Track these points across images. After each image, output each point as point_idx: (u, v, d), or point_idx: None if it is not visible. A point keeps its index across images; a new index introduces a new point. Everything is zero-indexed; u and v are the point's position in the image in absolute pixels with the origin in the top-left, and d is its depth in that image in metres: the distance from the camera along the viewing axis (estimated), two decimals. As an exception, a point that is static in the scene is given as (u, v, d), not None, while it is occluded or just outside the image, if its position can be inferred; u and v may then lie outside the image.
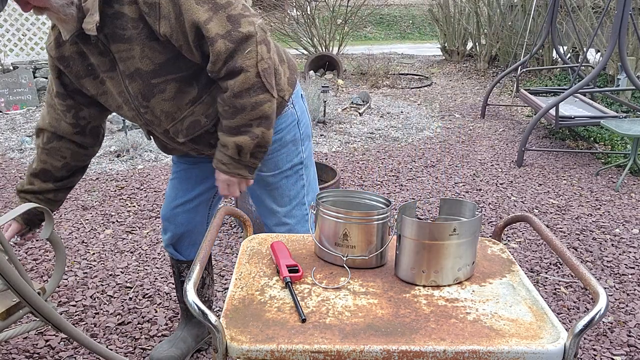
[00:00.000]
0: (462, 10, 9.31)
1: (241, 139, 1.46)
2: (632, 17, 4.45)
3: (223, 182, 1.54)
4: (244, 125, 1.45)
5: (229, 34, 1.38)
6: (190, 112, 1.53)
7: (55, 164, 1.69)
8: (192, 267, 1.01)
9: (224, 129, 1.48)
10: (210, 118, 1.54)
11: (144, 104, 1.52)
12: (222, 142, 1.49)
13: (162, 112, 1.53)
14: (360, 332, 0.97)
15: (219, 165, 1.51)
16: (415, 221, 1.11)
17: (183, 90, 1.50)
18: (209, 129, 1.56)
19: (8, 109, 5.85)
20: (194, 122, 1.54)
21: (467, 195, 3.73)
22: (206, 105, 1.53)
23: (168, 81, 1.48)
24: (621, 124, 4.00)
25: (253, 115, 1.44)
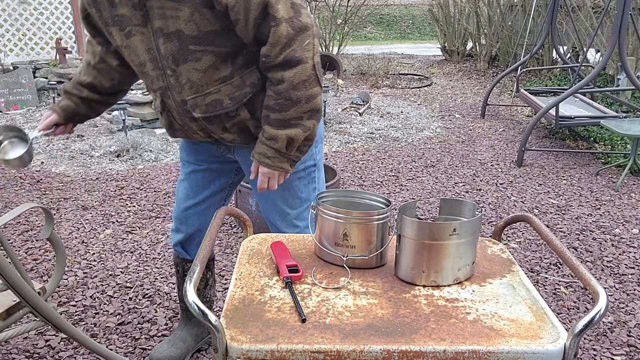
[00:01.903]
0: (462, 10, 9.31)
1: (293, 132, 1.46)
2: (632, 17, 4.45)
3: (264, 176, 1.53)
4: (296, 118, 1.45)
5: (291, 20, 1.39)
6: (216, 90, 1.49)
7: (104, 83, 1.69)
8: (192, 267, 1.01)
9: (274, 122, 1.46)
10: (234, 101, 1.51)
11: (172, 67, 1.48)
12: (270, 135, 1.47)
13: (188, 81, 1.49)
14: (360, 332, 0.97)
15: (263, 159, 1.50)
16: (415, 221, 1.11)
17: (217, 65, 1.47)
18: (230, 112, 1.52)
19: (8, 109, 5.85)
20: (216, 101, 1.51)
21: (467, 195, 3.73)
22: (234, 88, 1.50)
23: (206, 52, 1.45)
24: (621, 124, 4.00)
25: (306, 107, 1.45)
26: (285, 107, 1.44)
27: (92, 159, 4.37)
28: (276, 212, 1.72)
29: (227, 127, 1.56)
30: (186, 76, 1.49)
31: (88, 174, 4.05)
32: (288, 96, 1.43)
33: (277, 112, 1.45)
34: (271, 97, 1.46)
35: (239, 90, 1.50)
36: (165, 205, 3.47)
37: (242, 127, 1.56)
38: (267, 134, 1.48)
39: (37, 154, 4.47)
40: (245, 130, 1.57)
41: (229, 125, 1.55)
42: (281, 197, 1.68)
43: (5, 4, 6.59)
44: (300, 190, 1.70)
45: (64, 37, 7.00)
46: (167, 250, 2.88)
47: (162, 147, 4.65)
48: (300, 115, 1.45)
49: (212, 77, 1.48)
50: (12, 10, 6.60)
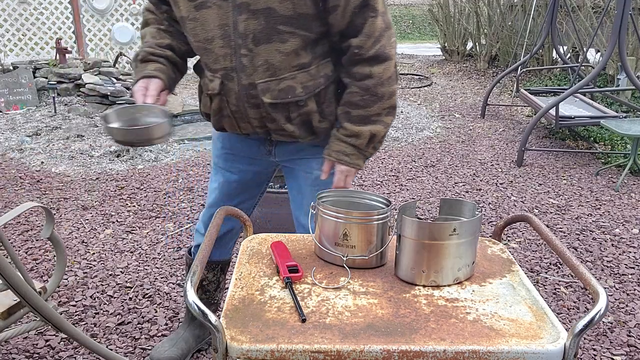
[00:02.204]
0: (462, 10, 9.30)
1: (375, 128, 1.47)
2: (632, 17, 4.45)
3: (342, 173, 1.52)
4: (377, 114, 1.46)
5: (385, 15, 1.41)
6: (292, 76, 1.45)
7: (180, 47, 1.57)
8: (192, 268, 1.01)
9: (355, 118, 1.47)
10: (306, 91, 1.47)
11: (250, 46, 1.40)
12: (351, 132, 1.47)
13: (265, 62, 1.42)
14: (360, 332, 0.97)
15: (342, 157, 1.49)
16: (415, 221, 1.11)
17: (299, 51, 1.43)
18: (299, 101, 1.47)
19: (8, 109, 5.85)
20: (289, 88, 1.45)
21: (467, 195, 3.73)
22: (309, 77, 1.46)
23: (294, 35, 1.39)
24: (621, 124, 4.00)
25: (387, 104, 1.46)
26: (370, 103, 1.45)
27: (92, 159, 4.37)
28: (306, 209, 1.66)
29: (291, 117, 1.50)
30: (264, 57, 1.41)
31: (88, 174, 4.05)
32: (375, 92, 1.44)
33: (361, 108, 1.46)
34: (356, 94, 1.46)
35: (313, 80, 1.47)
36: (165, 205, 3.47)
37: (306, 119, 1.51)
38: (348, 131, 1.48)
39: (37, 154, 4.47)
40: (307, 123, 1.52)
41: (294, 115, 1.49)
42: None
43: (5, 4, 6.59)
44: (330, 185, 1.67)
45: (64, 37, 7.00)
46: (167, 250, 2.88)
47: (162, 147, 4.65)
48: (381, 111, 1.46)
49: (291, 62, 1.43)
50: (12, 10, 6.60)
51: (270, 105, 1.47)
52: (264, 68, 1.43)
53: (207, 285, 2.01)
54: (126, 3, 7.33)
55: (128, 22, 7.42)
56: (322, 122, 1.53)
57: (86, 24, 7.22)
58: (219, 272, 2.01)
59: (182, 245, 2.93)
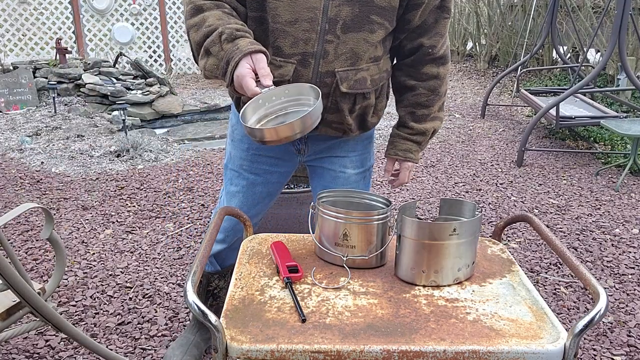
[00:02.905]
0: (462, 10, 9.30)
1: (436, 124, 1.56)
2: (632, 17, 4.45)
3: (408, 170, 1.60)
4: (437, 112, 1.55)
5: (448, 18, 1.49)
6: (367, 67, 1.44)
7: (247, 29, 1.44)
8: (192, 268, 1.01)
9: (419, 117, 1.54)
10: (373, 83, 1.47)
11: (337, 33, 1.36)
12: (418, 130, 1.54)
13: (350, 50, 1.38)
14: (360, 332, 0.97)
15: (408, 155, 1.57)
16: (415, 221, 1.11)
17: (378, 43, 1.42)
18: (366, 93, 1.47)
19: (8, 109, 5.85)
20: (363, 79, 1.45)
21: (467, 195, 3.72)
22: (377, 70, 1.47)
23: (382, 26, 1.39)
24: (621, 124, 4.00)
25: (443, 101, 1.55)
26: (433, 102, 1.52)
27: (92, 159, 4.37)
28: None
29: (353, 110, 1.48)
30: (351, 46, 1.38)
31: (88, 174, 4.05)
32: (439, 91, 1.52)
33: (426, 107, 1.52)
34: (423, 95, 1.52)
35: (379, 73, 1.49)
36: (165, 205, 3.47)
37: (363, 112, 1.51)
38: (414, 130, 1.55)
39: (37, 154, 4.47)
40: (362, 117, 1.52)
41: (357, 107, 1.48)
42: None
43: (5, 4, 6.59)
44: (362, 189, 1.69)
45: (64, 37, 7.00)
46: (167, 250, 2.88)
47: (162, 147, 4.65)
48: (439, 108, 1.55)
49: (371, 53, 1.43)
50: (12, 10, 6.60)
51: (342, 95, 1.43)
52: (347, 56, 1.39)
53: (219, 293, 1.99)
54: (126, 3, 7.33)
55: (128, 22, 7.42)
56: (373, 117, 1.56)
57: (86, 24, 7.22)
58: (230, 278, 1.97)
59: (182, 246, 2.93)
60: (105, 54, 7.36)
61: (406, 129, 1.57)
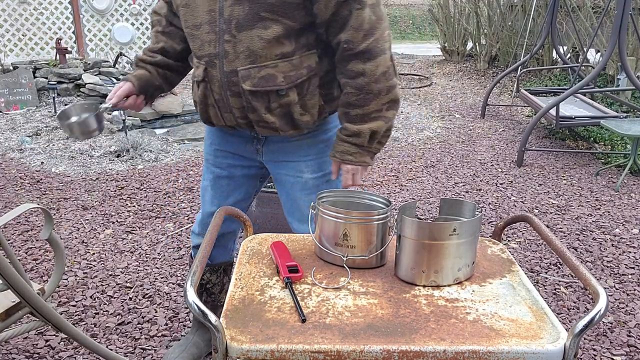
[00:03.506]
0: (462, 10, 9.30)
1: (375, 125, 1.46)
2: (632, 17, 4.45)
3: (348, 173, 1.53)
4: (376, 111, 1.45)
5: (374, 7, 1.39)
6: (273, 65, 1.44)
7: (175, 46, 1.63)
8: (192, 268, 1.01)
9: (354, 118, 1.46)
10: (287, 81, 1.46)
11: (233, 32, 1.42)
12: (352, 131, 1.47)
13: (246, 49, 1.43)
14: (360, 332, 0.97)
15: (345, 156, 1.50)
16: (415, 221, 1.11)
17: (282, 39, 1.43)
18: (280, 90, 1.47)
19: (8, 109, 5.85)
20: (270, 76, 1.45)
21: (467, 195, 3.72)
22: (291, 67, 1.46)
23: (277, 21, 1.40)
24: (621, 124, 4.00)
25: (386, 99, 1.45)
26: (366, 101, 1.44)
27: (92, 159, 4.37)
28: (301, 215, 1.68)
29: (271, 107, 1.49)
30: (246, 44, 1.42)
31: (88, 174, 4.05)
32: (370, 89, 1.43)
33: (359, 107, 1.45)
34: (351, 94, 1.45)
35: (296, 70, 1.46)
36: (165, 205, 3.47)
37: (286, 111, 1.51)
38: (349, 130, 1.48)
39: (37, 154, 4.47)
40: (287, 115, 1.52)
41: (274, 105, 1.49)
42: (308, 200, 1.64)
43: (5, 4, 6.59)
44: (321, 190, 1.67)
45: (64, 37, 7.00)
46: (167, 250, 2.88)
47: (162, 147, 4.65)
48: (381, 107, 1.45)
49: (273, 50, 1.43)
50: (12, 10, 6.60)
51: (250, 93, 1.47)
52: (245, 54, 1.43)
53: (212, 288, 2.00)
54: (126, 3, 7.33)
55: (128, 22, 7.41)
56: (303, 115, 1.52)
57: (86, 24, 7.22)
58: (222, 274, 2.00)
59: (182, 246, 2.93)
60: (105, 54, 7.36)
61: (343, 130, 1.50)
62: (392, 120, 1.49)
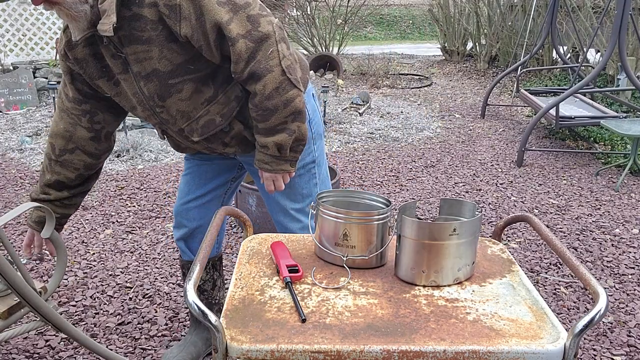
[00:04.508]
0: (462, 10, 9.31)
1: (279, 138, 1.49)
2: (632, 17, 4.45)
3: (268, 180, 1.58)
4: (279, 124, 1.48)
5: (249, 34, 1.39)
6: (205, 112, 1.54)
7: (69, 176, 1.69)
8: (192, 267, 1.01)
9: (260, 131, 1.50)
10: (225, 117, 1.55)
11: (159, 103, 1.53)
12: (261, 143, 1.52)
13: (177, 112, 1.54)
14: (360, 332, 0.97)
15: (262, 165, 1.55)
16: (415, 221, 1.11)
17: (199, 89, 1.51)
18: (224, 128, 1.57)
19: (8, 109, 5.85)
20: (209, 122, 1.55)
21: (467, 195, 3.73)
22: (221, 105, 1.54)
23: (185, 81, 1.49)
24: (621, 124, 4.00)
25: (286, 112, 1.46)
26: (265, 116, 1.47)
27: (92, 159, 4.36)
28: (280, 209, 1.75)
29: (226, 142, 1.61)
30: (175, 108, 1.53)
31: (88, 174, 4.04)
32: (264, 106, 1.45)
33: (261, 122, 1.49)
34: (252, 110, 1.50)
35: (226, 106, 1.55)
36: (165, 205, 3.47)
37: (240, 138, 1.61)
38: (259, 142, 1.53)
39: (37, 154, 4.47)
40: (243, 140, 1.62)
41: (227, 140, 1.60)
42: (283, 194, 1.71)
43: (5, 4, 6.59)
44: (301, 187, 1.72)
45: (64, 37, 6.99)
46: (167, 250, 2.88)
47: (162, 147, 4.65)
48: (282, 120, 1.47)
49: (198, 102, 1.53)
50: (12, 10, 6.60)
51: (203, 140, 1.60)
52: (179, 115, 1.55)
53: (203, 285, 2.01)
54: (126, 3, 7.33)
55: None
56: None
57: (86, 24, 7.21)
58: (211, 269, 2.01)
59: (182, 245, 2.93)
60: (105, 54, 7.35)
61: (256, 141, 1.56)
62: (300, 131, 1.50)
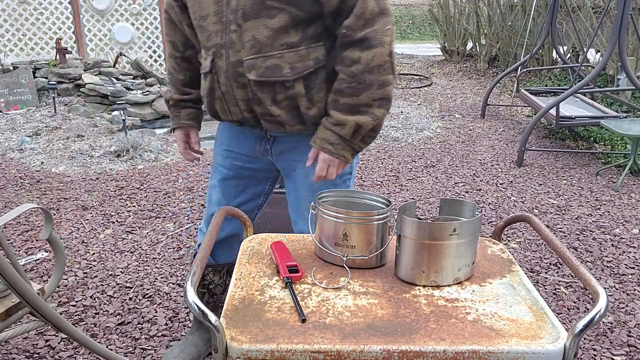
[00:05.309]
0: (462, 10, 9.30)
1: (362, 119, 1.41)
2: (632, 17, 4.45)
3: (324, 162, 1.47)
4: (366, 105, 1.41)
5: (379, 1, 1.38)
6: (279, 55, 1.43)
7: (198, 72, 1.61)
8: (192, 268, 1.01)
9: (343, 107, 1.42)
10: (293, 72, 1.44)
11: (239, 22, 1.42)
12: (337, 120, 1.43)
13: (252, 38, 1.42)
14: (360, 332, 0.97)
15: (325, 144, 1.45)
16: (415, 221, 1.11)
17: (288, 29, 1.41)
18: (286, 82, 1.45)
19: (8, 109, 5.85)
20: (276, 66, 1.43)
21: (467, 195, 3.72)
22: (298, 57, 1.44)
23: (283, 10, 1.39)
24: (621, 124, 4.00)
25: (378, 94, 1.41)
26: (357, 91, 1.40)
27: (92, 159, 4.37)
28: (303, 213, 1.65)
29: (277, 100, 1.47)
30: (252, 33, 1.41)
31: (88, 174, 4.05)
32: (362, 79, 1.39)
33: (348, 96, 1.41)
34: (343, 81, 1.42)
35: (302, 61, 1.44)
36: (165, 205, 3.47)
37: (293, 104, 1.48)
38: (334, 119, 1.44)
39: (37, 154, 4.47)
40: (294, 109, 1.49)
41: (280, 97, 1.46)
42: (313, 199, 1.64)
43: (5, 4, 6.59)
44: None
45: (64, 37, 7.00)
46: (167, 250, 2.88)
47: (162, 147, 4.65)
48: (370, 102, 1.41)
49: (279, 40, 1.42)
50: (12, 10, 6.60)
51: (255, 83, 1.45)
52: (251, 44, 1.42)
53: (214, 289, 1.99)
54: (126, 3, 7.33)
55: (128, 22, 7.41)
56: (310, 109, 1.49)
57: (86, 24, 7.22)
58: (224, 275, 1.98)
59: (182, 246, 2.93)
60: (105, 54, 7.35)
61: (328, 117, 1.46)
62: (381, 120, 1.44)
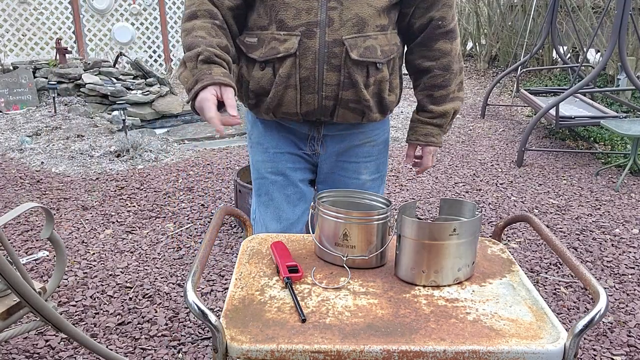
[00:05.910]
0: (462, 10, 9.30)
1: (456, 105, 1.51)
2: (632, 17, 4.45)
3: (431, 154, 1.57)
4: (454, 91, 1.49)
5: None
6: (375, 36, 1.39)
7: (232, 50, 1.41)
8: (192, 268, 1.01)
9: (438, 99, 1.49)
10: (384, 54, 1.41)
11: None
12: (437, 112, 1.50)
13: (354, 16, 1.34)
14: (360, 332, 0.97)
15: (430, 138, 1.53)
16: (415, 221, 1.11)
17: (383, 11, 1.38)
18: (378, 64, 1.40)
19: (8, 109, 5.85)
20: (372, 47, 1.39)
21: (467, 195, 3.72)
22: (386, 40, 1.42)
23: None
24: (621, 124, 4.00)
25: (459, 79, 1.49)
26: (449, 81, 1.48)
27: (92, 159, 4.37)
28: None
29: (369, 83, 1.41)
30: (356, 11, 1.34)
31: (88, 174, 4.05)
32: (452, 69, 1.47)
33: (443, 88, 1.48)
34: (438, 75, 1.48)
35: (389, 45, 1.43)
36: (165, 205, 3.47)
37: (379, 88, 1.44)
38: (434, 112, 1.51)
39: (37, 154, 4.47)
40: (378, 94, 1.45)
41: (371, 80, 1.41)
42: None
43: (5, 4, 6.60)
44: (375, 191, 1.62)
45: (64, 37, 7.00)
46: (167, 250, 2.88)
47: (162, 147, 4.65)
48: (456, 87, 1.50)
49: (376, 21, 1.38)
50: (12, 10, 6.60)
51: (354, 63, 1.37)
52: (352, 23, 1.35)
53: None
54: (126, 3, 7.33)
55: (128, 22, 7.42)
56: (390, 95, 1.50)
57: (86, 24, 7.22)
58: None
59: (182, 246, 2.93)
60: (105, 54, 7.36)
61: (426, 113, 1.53)
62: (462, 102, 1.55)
